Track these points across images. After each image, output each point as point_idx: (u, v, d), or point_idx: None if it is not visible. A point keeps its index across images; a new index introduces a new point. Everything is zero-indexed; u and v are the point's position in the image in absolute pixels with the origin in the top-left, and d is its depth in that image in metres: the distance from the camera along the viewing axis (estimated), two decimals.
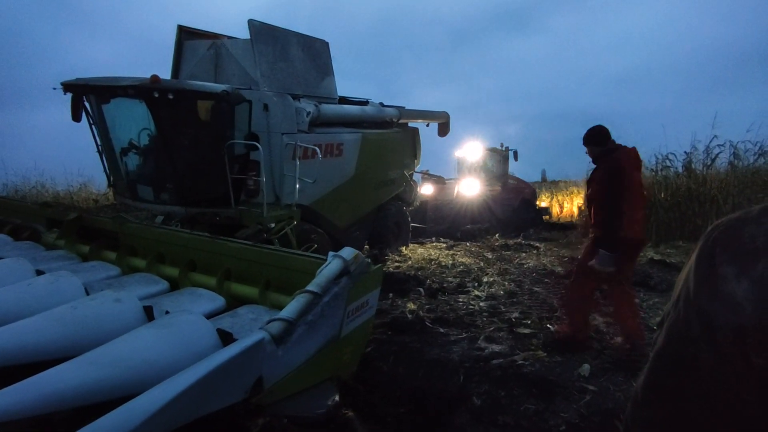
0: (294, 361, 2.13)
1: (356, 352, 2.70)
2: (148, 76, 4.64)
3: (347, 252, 2.49)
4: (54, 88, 5.20)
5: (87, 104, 5.38)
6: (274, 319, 2.08)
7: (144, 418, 1.43)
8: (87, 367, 1.78)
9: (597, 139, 4.12)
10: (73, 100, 5.33)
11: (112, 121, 5.38)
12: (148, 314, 2.46)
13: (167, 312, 2.47)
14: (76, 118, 5.43)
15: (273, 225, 4.81)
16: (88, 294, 2.76)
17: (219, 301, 2.94)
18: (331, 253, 2.54)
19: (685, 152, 9.80)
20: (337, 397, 2.20)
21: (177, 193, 5.15)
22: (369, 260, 2.64)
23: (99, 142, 5.58)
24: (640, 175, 4.13)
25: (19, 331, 2.12)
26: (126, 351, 1.92)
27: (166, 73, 6.07)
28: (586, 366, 3.75)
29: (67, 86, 5.15)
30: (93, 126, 5.47)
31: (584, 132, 4.11)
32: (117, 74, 5.04)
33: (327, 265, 2.42)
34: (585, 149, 4.20)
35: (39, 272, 3.06)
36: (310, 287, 2.26)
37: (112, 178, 5.76)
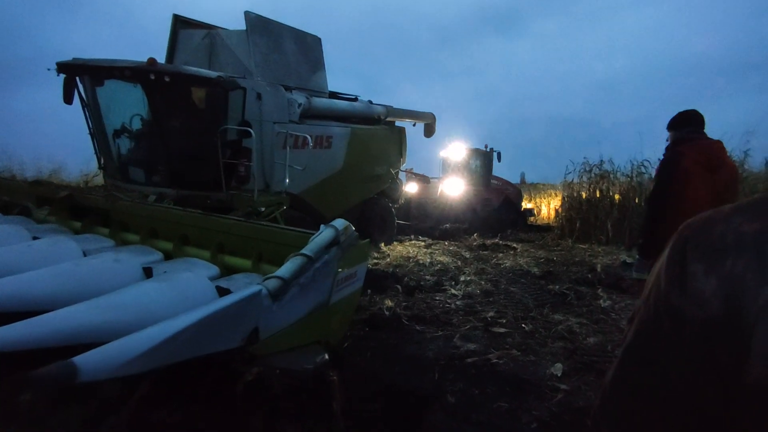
0: (287, 318, 2.27)
1: (344, 321, 2.84)
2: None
3: (339, 222, 2.64)
4: (48, 69, 5.22)
5: (80, 86, 5.43)
6: (271, 277, 2.23)
7: (149, 346, 1.56)
8: (95, 309, 1.91)
9: (673, 121, 3.58)
10: (66, 81, 5.33)
11: (106, 104, 5.44)
12: (147, 275, 2.58)
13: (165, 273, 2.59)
14: (68, 100, 5.42)
15: (263, 209, 4.94)
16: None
17: (213, 269, 3.05)
18: (322, 225, 2.69)
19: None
20: (326, 356, 2.35)
21: (169, 175, 5.24)
22: (357, 234, 2.80)
23: (91, 125, 5.63)
24: (716, 177, 3.30)
25: (23, 282, 2.23)
26: (130, 299, 2.05)
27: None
28: (559, 365, 3.82)
29: (62, 66, 5.16)
30: (86, 108, 5.52)
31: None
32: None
33: (319, 234, 2.57)
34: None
35: (35, 239, 3.14)
36: (303, 251, 2.41)
37: (102, 160, 5.80)
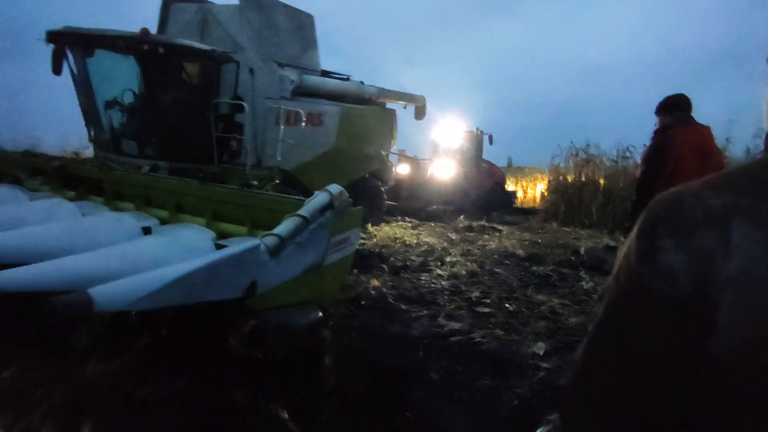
0: (283, 275, 2.37)
1: (336, 282, 2.95)
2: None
3: (333, 187, 2.74)
4: (37, 39, 5.16)
5: (70, 57, 5.39)
6: (268, 234, 2.33)
7: (160, 285, 1.66)
8: (101, 257, 1.99)
9: (661, 106, 3.53)
10: (56, 51, 5.27)
11: (97, 75, 5.41)
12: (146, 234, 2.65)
13: None
14: (57, 70, 5.36)
15: (255, 183, 4.99)
16: None
17: (210, 233, 3.12)
18: (317, 191, 2.78)
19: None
20: (320, 314, 2.45)
21: (161, 148, 5.26)
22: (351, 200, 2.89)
23: (81, 96, 5.60)
24: (705, 164, 3.24)
25: (28, 236, 2.29)
26: (135, 250, 2.14)
27: None
28: (541, 344, 3.87)
29: (52, 35, 5.10)
30: (75, 80, 5.48)
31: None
32: None
33: (314, 197, 2.67)
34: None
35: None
36: (299, 212, 2.51)
37: (93, 133, 5.78)
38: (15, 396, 2.22)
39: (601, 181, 10.50)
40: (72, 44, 5.22)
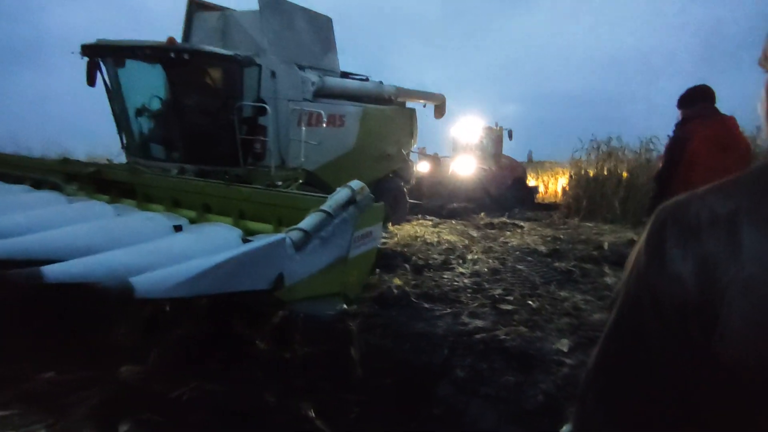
0: (309, 268, 2.47)
1: (361, 276, 3.04)
2: None
3: (355, 183, 2.84)
4: (72, 53, 5.41)
5: (103, 68, 5.61)
6: (294, 228, 2.44)
7: (194, 273, 1.78)
8: (139, 252, 2.13)
9: (682, 98, 3.49)
10: (89, 63, 5.51)
11: (128, 84, 5.64)
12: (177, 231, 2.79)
13: None
14: (91, 82, 5.61)
15: (280, 183, 5.13)
16: None
17: (237, 231, 3.25)
18: (339, 187, 2.89)
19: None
20: (345, 306, 2.55)
21: (188, 151, 5.44)
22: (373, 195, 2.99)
23: (113, 105, 5.82)
24: (727, 155, 3.15)
25: (69, 235, 2.45)
26: (167, 247, 2.26)
27: None
28: (565, 341, 3.85)
29: (86, 48, 5.35)
30: (108, 90, 5.70)
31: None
32: None
33: (337, 193, 2.77)
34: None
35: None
36: (323, 207, 2.61)
37: (124, 139, 5.99)
38: (54, 398, 2.35)
39: (624, 175, 10.26)
40: (105, 56, 5.45)
